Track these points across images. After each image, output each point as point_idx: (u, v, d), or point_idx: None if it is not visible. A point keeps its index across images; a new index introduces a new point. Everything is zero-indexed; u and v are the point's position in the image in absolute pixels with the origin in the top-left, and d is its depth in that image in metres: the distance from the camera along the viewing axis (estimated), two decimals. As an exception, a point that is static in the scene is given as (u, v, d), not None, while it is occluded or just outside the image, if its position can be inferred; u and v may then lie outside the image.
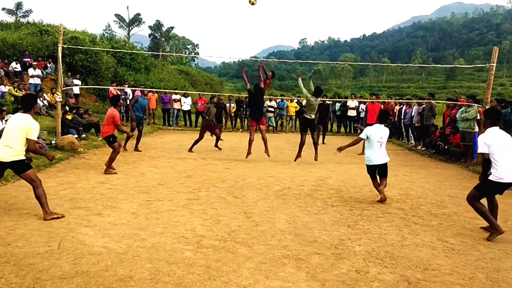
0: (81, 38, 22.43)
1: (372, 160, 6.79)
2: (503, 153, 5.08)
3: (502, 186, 5.15)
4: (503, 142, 5.16)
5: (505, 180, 5.06)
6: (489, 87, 10.06)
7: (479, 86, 66.49)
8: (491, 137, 5.16)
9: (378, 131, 6.82)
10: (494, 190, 5.26)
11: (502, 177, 5.05)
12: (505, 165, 5.05)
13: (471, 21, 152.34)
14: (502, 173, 5.04)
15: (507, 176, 5.05)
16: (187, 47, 75.98)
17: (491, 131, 5.23)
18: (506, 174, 5.04)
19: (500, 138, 5.17)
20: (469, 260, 4.36)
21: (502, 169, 5.04)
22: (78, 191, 6.63)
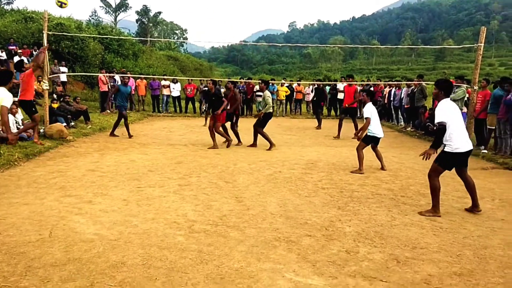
0: (66, 24, 22.08)
1: (377, 133, 7.80)
2: (456, 124, 5.13)
3: (460, 156, 5.18)
4: (456, 113, 5.22)
5: (461, 150, 5.12)
6: (477, 67, 10.11)
7: (468, 66, 66.77)
8: (448, 108, 5.16)
9: (374, 109, 7.86)
10: (453, 162, 5.25)
11: (458, 147, 5.09)
12: (459, 134, 5.11)
13: (459, 1, 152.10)
14: (457, 143, 5.09)
15: (463, 146, 5.12)
16: (175, 32, 75.22)
17: (447, 102, 5.22)
18: (461, 144, 5.10)
19: (453, 109, 5.22)
20: (457, 238, 4.44)
21: (457, 139, 5.09)
22: (68, 179, 6.60)
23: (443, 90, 5.28)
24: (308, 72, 72.05)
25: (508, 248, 4.16)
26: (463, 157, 5.22)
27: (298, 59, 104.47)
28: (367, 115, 7.75)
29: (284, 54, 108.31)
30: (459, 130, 5.13)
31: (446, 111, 5.10)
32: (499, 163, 8.76)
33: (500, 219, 5.15)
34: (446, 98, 5.26)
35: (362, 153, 7.84)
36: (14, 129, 9.06)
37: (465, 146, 5.14)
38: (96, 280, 3.30)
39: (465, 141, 5.15)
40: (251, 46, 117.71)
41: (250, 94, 19.26)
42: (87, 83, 21.64)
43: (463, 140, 5.13)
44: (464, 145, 5.14)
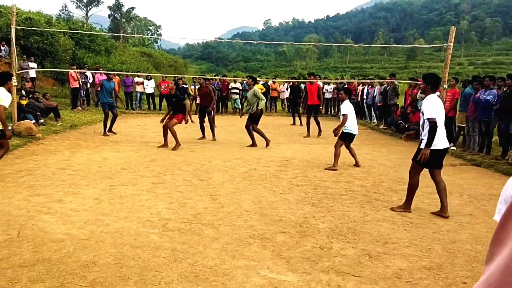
0: (36, 19, 21.43)
1: (352, 130, 7.94)
2: (440, 121, 5.03)
3: (438, 153, 5.08)
4: (442, 110, 5.16)
5: (438, 147, 5.03)
6: (447, 67, 10.35)
7: (438, 65, 68.43)
8: (435, 104, 5.05)
9: (351, 106, 8.04)
10: (430, 159, 5.06)
11: (435, 144, 4.99)
12: (440, 132, 5.03)
13: (430, 1, 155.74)
14: (440, 140, 5.01)
15: (440, 143, 5.04)
16: (149, 28, 74.21)
17: (434, 98, 5.11)
18: (438, 141, 5.01)
19: (440, 106, 5.16)
20: (427, 232, 4.55)
21: (441, 135, 5.04)
22: (37, 178, 6.43)
23: (430, 84, 5.15)
24: (283, 70, 72.35)
25: (475, 243, 4.30)
26: (440, 155, 5.14)
27: (273, 57, 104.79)
28: (344, 111, 7.84)
29: (260, 51, 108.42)
30: (440, 128, 5.04)
31: (434, 107, 5.00)
32: (467, 159, 9.02)
33: (468, 214, 5.31)
34: (433, 92, 5.16)
35: (339, 151, 7.94)
36: None
37: (442, 144, 5.08)
38: (67, 280, 3.23)
39: (443, 138, 5.09)
40: (226, 43, 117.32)
41: (225, 91, 19.20)
42: (57, 79, 21.09)
43: (442, 138, 5.07)
44: (441, 142, 5.07)
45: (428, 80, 5.19)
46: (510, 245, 0.71)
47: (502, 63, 72.76)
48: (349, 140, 8.07)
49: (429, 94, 5.15)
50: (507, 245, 0.72)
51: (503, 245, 0.73)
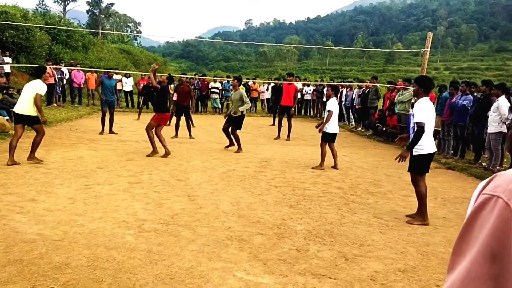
0: (11, 13, 20.86)
1: (334, 129, 8.07)
2: (429, 126, 4.99)
3: (428, 158, 5.05)
4: (432, 114, 5.12)
5: (426, 151, 4.98)
6: (423, 71, 10.57)
7: (415, 70, 69.70)
8: (427, 108, 4.99)
9: (337, 104, 8.21)
10: (426, 163, 5.06)
11: (423, 148, 4.95)
12: (429, 136, 5.00)
13: (409, 6, 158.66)
14: (424, 145, 4.95)
15: (428, 147, 4.99)
16: (128, 25, 73.18)
17: (426, 102, 5.03)
18: (427, 146, 4.97)
19: (432, 110, 5.09)
20: (402, 235, 4.62)
21: (425, 141, 4.95)
22: (10, 176, 6.25)
23: (423, 87, 5.04)
24: (263, 71, 72.48)
25: (449, 245, 4.38)
26: (429, 159, 5.10)
27: (254, 57, 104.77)
28: (330, 108, 7.93)
29: (240, 51, 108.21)
30: (429, 132, 5.00)
31: (426, 112, 4.93)
32: (442, 163, 9.21)
33: (442, 217, 5.41)
34: (425, 96, 5.04)
35: (325, 150, 8.04)
36: None
37: (431, 148, 5.03)
38: (38, 282, 3.15)
39: (431, 142, 5.04)
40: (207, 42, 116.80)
41: (205, 91, 19.09)
42: (32, 75, 20.52)
43: (430, 142, 5.02)
44: (430, 146, 5.02)
45: (421, 83, 5.09)
46: (470, 255, 0.73)
47: (477, 68, 74.66)
48: (331, 140, 8.12)
49: (421, 97, 5.05)
50: (466, 255, 0.74)
51: (463, 255, 0.75)
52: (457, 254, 0.77)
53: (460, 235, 0.79)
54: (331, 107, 7.96)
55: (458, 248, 0.77)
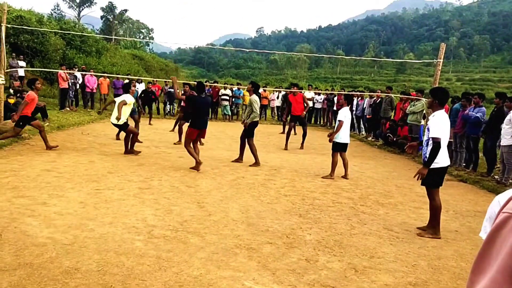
0: (27, 17, 21.23)
1: (344, 139, 7.98)
2: (444, 139, 4.89)
3: (442, 171, 5.00)
4: (448, 128, 5.00)
5: (440, 165, 4.90)
6: (436, 82, 10.51)
7: (427, 80, 69.35)
8: (444, 122, 4.89)
9: (349, 113, 8.03)
10: (442, 177, 5.02)
11: (438, 162, 4.87)
12: (444, 150, 4.92)
13: (421, 17, 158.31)
14: (439, 158, 4.86)
15: (443, 161, 4.93)
16: (141, 31, 73.97)
17: (443, 115, 4.93)
18: (441, 159, 4.90)
19: (447, 123, 4.98)
20: (412, 248, 4.57)
21: (441, 155, 4.86)
22: (22, 179, 6.31)
23: (438, 99, 4.94)
24: (274, 78, 72.65)
25: (460, 259, 4.32)
26: (442, 173, 5.02)
27: (264, 65, 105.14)
28: (341, 118, 7.91)
29: (251, 59, 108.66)
30: (444, 146, 4.91)
31: (442, 125, 4.83)
32: (453, 175, 9.11)
33: (453, 230, 5.35)
34: (441, 108, 4.94)
35: (336, 159, 7.98)
36: None
37: (444, 161, 4.95)
38: (48, 286, 3.16)
39: (445, 156, 4.96)
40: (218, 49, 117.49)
41: (215, 98, 19.17)
42: (46, 79, 20.86)
43: (444, 156, 4.94)
44: (444, 160, 4.95)
45: (436, 95, 4.98)
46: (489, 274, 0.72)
47: (489, 80, 74.04)
48: (342, 149, 8.08)
49: (436, 110, 4.94)
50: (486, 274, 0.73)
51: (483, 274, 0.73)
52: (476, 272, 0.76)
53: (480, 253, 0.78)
54: (342, 116, 7.92)
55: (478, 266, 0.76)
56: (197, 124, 7.96)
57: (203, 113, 8.14)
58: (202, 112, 8.09)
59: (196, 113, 8.01)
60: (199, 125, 7.99)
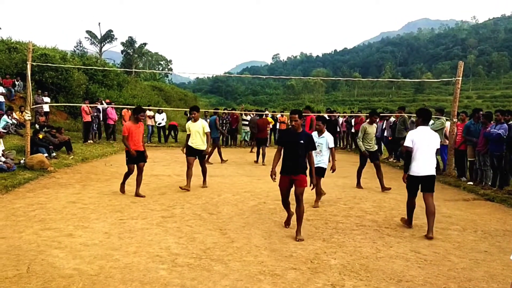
0: (51, 55, 22.04)
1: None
2: (421, 149, 5.75)
3: (416, 180, 5.84)
4: (427, 141, 5.78)
5: (415, 174, 5.81)
6: (456, 100, 10.42)
7: (447, 99, 68.64)
8: (418, 134, 5.80)
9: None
10: (412, 184, 5.93)
11: (414, 171, 5.81)
12: (420, 160, 5.75)
13: (437, 36, 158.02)
14: (414, 167, 5.79)
15: (418, 170, 5.78)
16: (160, 63, 75.85)
17: (421, 129, 5.85)
18: (417, 169, 5.78)
19: (425, 137, 5.79)
20: (442, 270, 4.45)
21: (416, 163, 5.77)
22: (48, 212, 6.45)
23: (421, 117, 5.91)
24: (291, 103, 73.11)
25: (492, 281, 4.18)
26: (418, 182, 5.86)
27: (281, 90, 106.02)
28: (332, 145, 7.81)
29: (268, 85, 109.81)
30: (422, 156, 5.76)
31: (415, 137, 5.78)
32: (480, 194, 8.89)
33: (483, 250, 5.19)
34: (425, 125, 5.92)
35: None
36: None
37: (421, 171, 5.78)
38: (75, 318, 3.19)
39: (421, 166, 5.77)
40: (236, 77, 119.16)
41: (234, 125, 19.36)
42: (70, 113, 21.46)
43: (422, 166, 5.77)
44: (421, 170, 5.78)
45: (421, 114, 5.96)
46: None
47: (510, 96, 72.76)
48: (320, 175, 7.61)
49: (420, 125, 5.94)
50: None
51: None
52: None
53: None
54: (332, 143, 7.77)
55: None
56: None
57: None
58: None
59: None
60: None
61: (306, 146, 5.55)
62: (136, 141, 7.98)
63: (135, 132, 7.93)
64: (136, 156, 7.95)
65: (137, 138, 7.99)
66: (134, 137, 7.92)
